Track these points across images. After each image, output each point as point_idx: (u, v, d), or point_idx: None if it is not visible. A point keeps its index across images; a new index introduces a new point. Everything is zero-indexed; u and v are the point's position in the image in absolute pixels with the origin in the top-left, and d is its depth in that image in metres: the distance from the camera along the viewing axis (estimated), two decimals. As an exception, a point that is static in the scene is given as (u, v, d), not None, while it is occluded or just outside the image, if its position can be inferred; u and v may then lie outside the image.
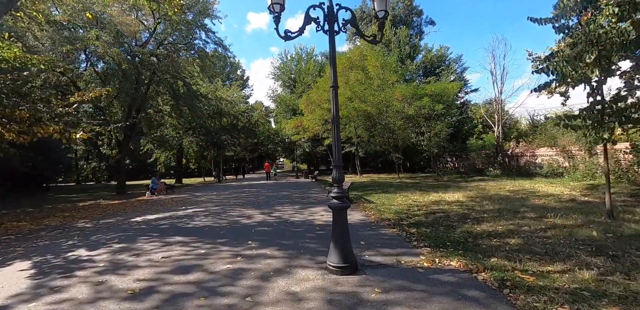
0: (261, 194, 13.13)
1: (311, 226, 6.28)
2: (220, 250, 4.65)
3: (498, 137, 20.54)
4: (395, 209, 8.30)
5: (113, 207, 11.72)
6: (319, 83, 23.02)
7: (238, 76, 54.03)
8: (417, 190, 12.99)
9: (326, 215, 7.44)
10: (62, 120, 10.04)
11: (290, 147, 35.09)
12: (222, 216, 7.72)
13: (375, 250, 4.49)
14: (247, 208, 9.09)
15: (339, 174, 3.76)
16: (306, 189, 14.96)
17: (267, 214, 7.84)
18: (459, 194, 10.76)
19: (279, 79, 38.48)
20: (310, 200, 10.49)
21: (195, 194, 14.75)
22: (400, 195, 11.08)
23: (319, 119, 22.30)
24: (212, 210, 8.92)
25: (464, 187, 13.08)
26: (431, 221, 6.67)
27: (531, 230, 5.58)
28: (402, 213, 7.65)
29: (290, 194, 13.05)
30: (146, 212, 9.37)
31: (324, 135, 24.88)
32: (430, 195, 10.79)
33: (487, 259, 3.97)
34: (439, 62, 29.30)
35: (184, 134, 24.52)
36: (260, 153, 50.90)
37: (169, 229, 6.38)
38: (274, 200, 10.72)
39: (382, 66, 17.72)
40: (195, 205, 10.34)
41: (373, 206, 8.84)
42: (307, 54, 37.93)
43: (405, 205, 8.96)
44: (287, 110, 33.54)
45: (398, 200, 9.87)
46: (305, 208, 8.76)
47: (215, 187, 19.15)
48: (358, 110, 17.73)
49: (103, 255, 4.65)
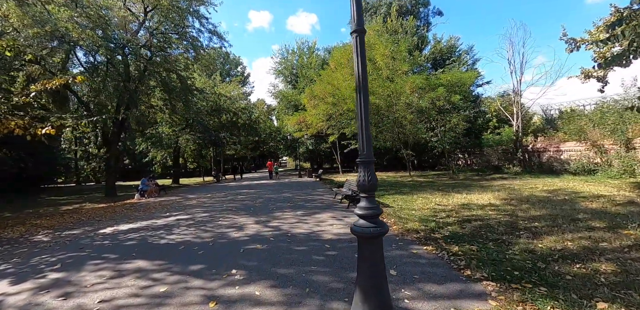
0: (260, 196, 11.72)
1: (318, 242, 4.85)
2: (189, 286, 3.22)
3: (517, 131, 18.94)
4: (419, 215, 6.85)
5: (93, 212, 10.40)
6: (322, 76, 21.52)
7: (238, 72, 52.59)
8: (436, 190, 11.51)
9: (337, 225, 6.00)
10: (29, 114, 8.74)
11: (292, 144, 33.67)
12: (207, 227, 6.30)
13: (415, 287, 3.05)
14: (240, 215, 7.68)
15: (369, 177, 2.30)
16: (310, 190, 13.53)
17: (263, 224, 6.41)
18: (487, 196, 9.28)
19: (280, 74, 36.98)
20: (315, 204, 9.05)
21: (188, 196, 13.38)
22: (419, 197, 9.62)
23: (323, 114, 20.81)
24: (199, 217, 7.51)
25: (488, 187, 11.58)
26: (471, 233, 5.22)
27: (614, 247, 4.12)
28: (429, 221, 6.20)
29: (293, 195, 11.63)
30: (123, 219, 8.00)
31: (328, 131, 23.40)
32: (453, 197, 9.32)
33: (591, 303, 2.53)
34: (449, 53, 27.63)
35: (180, 131, 23.16)
36: (262, 151, 49.58)
37: (134, 248, 4.97)
38: (273, 204, 9.30)
39: (391, 55, 16.16)
40: (181, 210, 8.95)
41: (391, 211, 7.39)
42: (308, 48, 36.41)
43: (429, 210, 7.50)
44: (289, 106, 32.09)
45: (418, 204, 8.42)
46: (309, 214, 7.32)
47: (213, 188, 17.79)
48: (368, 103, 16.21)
49: (23, 294, 3.25)
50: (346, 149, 26.50)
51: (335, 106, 19.54)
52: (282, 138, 35.18)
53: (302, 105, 27.14)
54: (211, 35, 16.71)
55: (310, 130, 23.78)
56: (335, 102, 19.29)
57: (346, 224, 6.19)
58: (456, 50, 28.19)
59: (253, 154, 47.15)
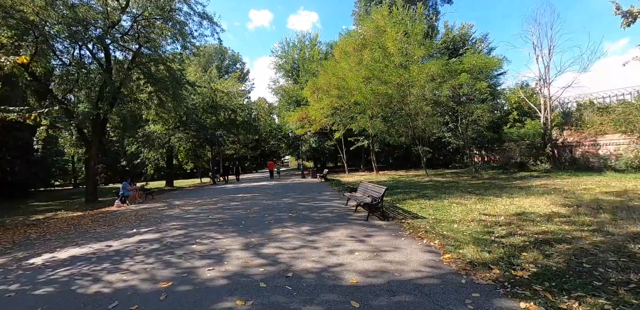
0: (256, 203, 9.86)
1: (338, 293, 2.95)
2: None
3: (545, 124, 16.93)
4: (468, 231, 4.97)
5: (57, 224, 8.65)
6: (326, 66, 19.60)
7: (237, 69, 50.68)
8: (465, 193, 9.61)
9: (360, 253, 4.11)
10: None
11: (294, 143, 31.81)
12: (174, 255, 4.44)
13: None
14: (226, 232, 5.81)
15: None
16: (315, 194, 11.65)
17: (254, 250, 4.54)
18: (540, 201, 7.37)
19: (281, 68, 35.05)
20: (323, 214, 7.17)
21: (174, 203, 11.55)
22: (452, 203, 7.73)
23: (328, 108, 18.92)
24: (170, 238, 5.64)
25: (529, 189, 9.65)
26: (571, 268, 3.39)
27: None
28: (488, 242, 4.35)
29: (295, 201, 9.76)
30: (77, 238, 6.17)
31: (334, 127, 21.50)
32: (496, 203, 7.42)
33: None
34: (462, 42, 25.56)
35: (173, 130, 21.33)
36: (264, 151, 47.72)
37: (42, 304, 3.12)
38: (271, 214, 7.43)
39: (405, 40, 14.19)
40: (155, 225, 7.09)
41: (427, 225, 5.52)
42: (310, 40, 34.46)
43: (477, 222, 5.62)
44: (290, 102, 30.19)
45: (457, 213, 6.53)
46: (318, 231, 5.45)
47: (206, 191, 15.98)
48: (377, 94, 14.26)
49: None
50: (352, 147, 24.60)
51: (341, 99, 17.65)
52: (283, 136, 33.32)
53: (305, 100, 25.25)
54: (201, 19, 14.83)
55: (313, 127, 21.91)
56: (341, 94, 17.39)
57: (373, 249, 4.31)
58: (469, 38, 26.12)
59: (254, 154, 45.37)
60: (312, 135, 26.62)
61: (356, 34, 18.40)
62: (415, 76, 13.25)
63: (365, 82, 15.43)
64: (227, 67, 50.60)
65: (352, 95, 16.21)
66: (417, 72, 13.37)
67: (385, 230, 5.36)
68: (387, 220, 6.19)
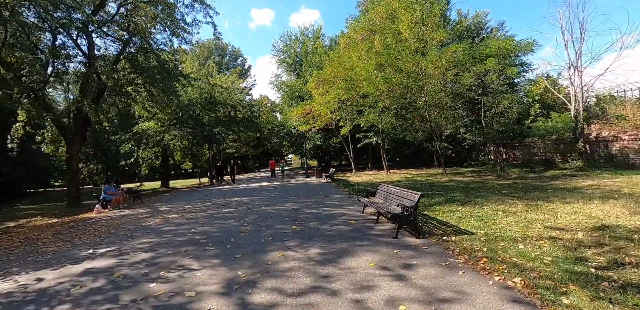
0: (253, 210, 8.32)
1: None
2: None
3: (577, 117, 15.19)
4: (545, 257, 3.40)
5: (20, 235, 7.26)
6: (332, 56, 18.00)
7: (238, 64, 49.13)
8: (502, 195, 8.03)
9: (408, 305, 2.55)
10: None
11: (298, 140, 30.23)
12: (116, 305, 2.93)
13: None
14: (205, 258, 4.26)
15: None
16: (322, 197, 10.10)
17: (237, 295, 2.98)
18: (609, 208, 5.80)
19: (283, 62, 33.45)
20: (336, 227, 5.60)
21: (160, 209, 10.05)
22: (494, 210, 6.17)
23: (334, 101, 17.33)
24: (127, 267, 4.09)
25: (580, 191, 8.03)
26: None
27: None
28: (593, 280, 2.78)
29: (299, 207, 8.22)
30: (11, 263, 4.68)
31: (340, 123, 19.91)
32: (552, 210, 5.85)
33: None
34: (477, 31, 23.79)
35: (168, 127, 19.85)
36: (266, 149, 46.18)
37: None
38: (269, 228, 5.89)
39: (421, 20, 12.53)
40: (120, 242, 5.57)
41: (480, 245, 3.97)
42: (313, 33, 32.81)
43: (549, 241, 4.07)
44: (293, 97, 28.60)
45: (509, 224, 5.00)
46: (333, 258, 3.87)
47: (200, 194, 14.50)
48: (391, 84, 12.63)
49: None
50: (360, 144, 22.98)
51: (349, 91, 16.04)
52: (286, 133, 31.75)
53: (308, 95, 23.65)
54: (192, 1, 13.28)
55: (318, 123, 20.31)
56: (349, 86, 15.78)
57: (425, 295, 2.73)
58: (485, 27, 24.33)
59: (255, 152, 43.94)
60: (316, 132, 25.04)
61: (365, 19, 16.73)
62: (436, 61, 11.59)
63: (376, 71, 13.82)
64: (227, 63, 49.01)
65: (362, 86, 14.60)
66: (436, 57, 11.72)
67: (427, 256, 3.80)
68: (423, 237, 4.63)
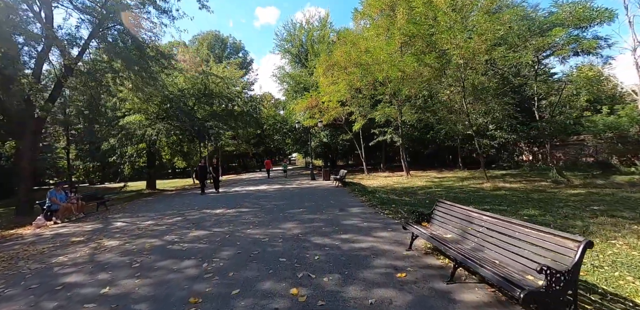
0: (233, 237, 5.61)
1: None
2: None
3: (647, 110, 12.31)
4: None
5: None
6: (344, 36, 15.23)
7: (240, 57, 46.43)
8: (607, 215, 5.23)
9: None
10: None
11: (302, 137, 27.50)
12: None
13: None
14: None
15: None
16: (336, 211, 7.33)
17: None
18: None
19: (287, 53, 30.75)
20: (375, 291, 2.87)
21: (113, 225, 7.39)
22: (627, 246, 3.38)
23: (345, 89, 14.58)
24: None
25: None
26: None
27: None
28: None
29: (305, 232, 5.49)
30: None
31: (352, 117, 17.15)
32: None
33: None
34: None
35: (154, 120, 17.24)
36: (268, 147, 43.50)
37: None
38: (244, 294, 3.19)
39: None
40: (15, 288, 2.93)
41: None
42: (320, 20, 30.03)
43: None
44: (297, 89, 25.89)
45: None
46: None
47: (179, 201, 11.85)
48: (425, 64, 9.81)
49: None
50: (372, 141, 20.21)
51: (365, 77, 13.27)
52: (289, 130, 29.05)
53: (314, 86, 20.91)
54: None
55: (325, 117, 17.58)
56: (364, 72, 13.00)
57: None
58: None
59: (256, 150, 41.33)
60: (322, 129, 22.32)
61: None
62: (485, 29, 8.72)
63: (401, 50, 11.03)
64: (228, 56, 46.37)
65: (381, 70, 11.82)
66: (485, 27, 8.89)
67: None
68: None
